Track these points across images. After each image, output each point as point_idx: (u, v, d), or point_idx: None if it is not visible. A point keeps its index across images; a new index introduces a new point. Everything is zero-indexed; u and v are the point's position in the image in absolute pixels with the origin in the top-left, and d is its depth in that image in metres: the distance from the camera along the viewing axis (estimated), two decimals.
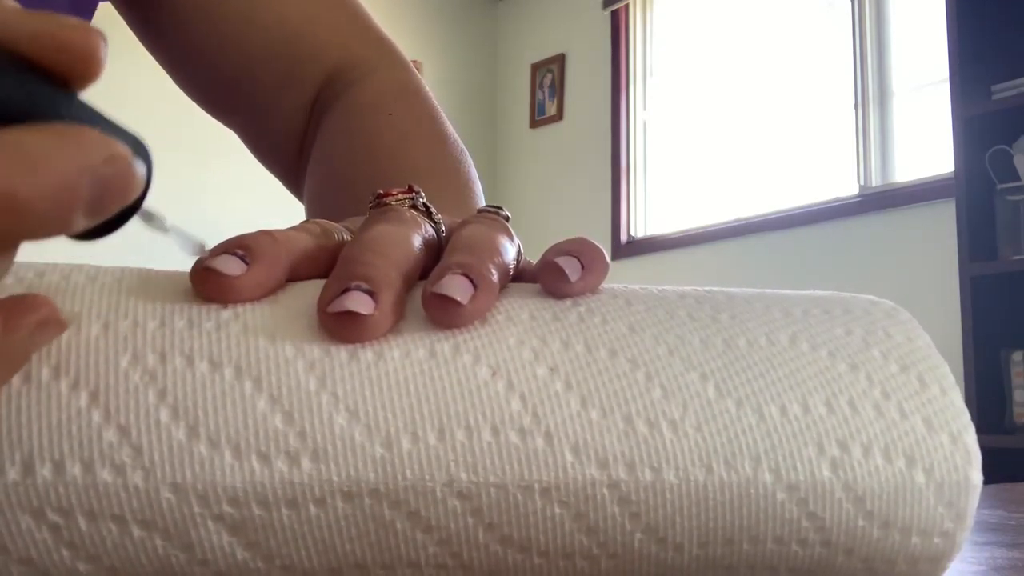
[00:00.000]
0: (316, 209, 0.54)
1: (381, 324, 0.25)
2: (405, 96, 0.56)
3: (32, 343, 0.22)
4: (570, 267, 0.28)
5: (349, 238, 0.30)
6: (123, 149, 0.18)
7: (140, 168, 0.18)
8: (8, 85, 0.17)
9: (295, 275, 0.27)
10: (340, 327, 0.25)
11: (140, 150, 0.20)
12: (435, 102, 0.57)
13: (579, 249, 0.29)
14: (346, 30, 0.57)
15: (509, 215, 0.33)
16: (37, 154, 0.17)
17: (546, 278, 0.28)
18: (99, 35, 0.18)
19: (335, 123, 0.54)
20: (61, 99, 0.18)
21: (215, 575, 0.24)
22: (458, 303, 0.26)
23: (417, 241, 0.29)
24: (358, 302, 0.25)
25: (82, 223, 0.18)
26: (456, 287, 0.26)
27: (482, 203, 0.52)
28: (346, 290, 0.25)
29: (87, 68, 0.18)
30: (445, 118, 0.56)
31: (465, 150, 0.55)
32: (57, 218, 0.17)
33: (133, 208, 0.20)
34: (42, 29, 0.18)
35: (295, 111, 0.56)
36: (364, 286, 0.25)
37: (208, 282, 0.26)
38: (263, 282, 0.26)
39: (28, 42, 0.18)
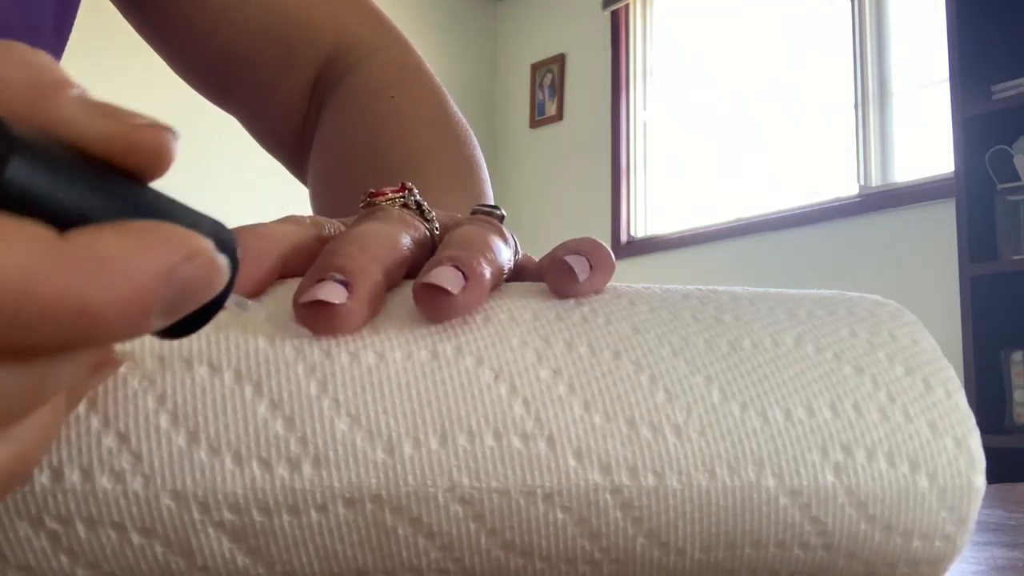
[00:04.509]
0: (320, 198, 0.54)
1: (355, 315, 0.25)
2: (406, 78, 0.56)
3: (88, 384, 0.22)
4: (579, 266, 0.28)
5: (342, 229, 0.30)
6: (204, 243, 0.17)
7: (222, 261, 0.17)
8: (79, 189, 0.16)
9: (288, 269, 0.27)
10: (312, 318, 0.25)
11: (222, 237, 0.19)
12: (437, 81, 0.56)
13: (587, 248, 0.29)
14: (342, 9, 0.57)
15: (504, 214, 0.33)
16: (111, 258, 0.16)
17: (553, 276, 0.28)
18: (170, 133, 0.18)
19: (337, 108, 0.54)
20: (133, 193, 0.17)
21: None
22: (448, 293, 0.25)
23: (404, 239, 0.29)
24: (330, 291, 0.25)
25: (159, 324, 0.17)
26: (446, 277, 0.26)
27: (486, 184, 0.52)
28: (320, 281, 0.25)
29: (159, 166, 0.18)
30: (448, 97, 0.56)
31: (469, 129, 0.54)
32: (133, 323, 0.16)
33: (220, 300, 0.19)
34: (113, 131, 0.17)
35: (295, 93, 0.56)
36: (338, 276, 0.25)
37: None
38: (250, 280, 0.26)
39: (99, 145, 0.17)
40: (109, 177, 0.17)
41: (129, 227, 0.16)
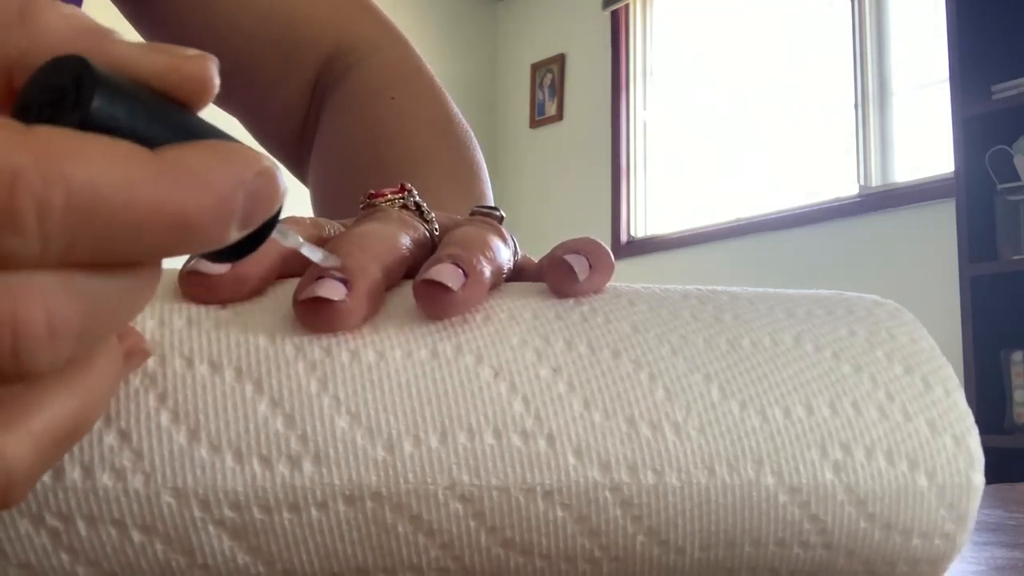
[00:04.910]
0: (320, 199, 0.54)
1: (354, 311, 0.25)
2: (406, 79, 0.56)
3: (125, 368, 0.22)
4: (579, 265, 0.28)
5: (341, 230, 0.30)
6: (269, 161, 0.18)
7: (283, 179, 0.19)
8: (152, 117, 0.18)
9: (288, 269, 0.27)
10: (312, 315, 0.25)
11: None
12: (437, 82, 0.56)
13: (587, 248, 0.29)
14: (342, 10, 0.57)
15: (503, 215, 0.33)
16: (200, 171, 0.17)
17: (553, 275, 0.28)
18: (213, 62, 0.19)
19: (337, 109, 0.54)
20: (192, 121, 0.19)
21: None
22: (448, 289, 0.26)
23: (403, 238, 0.29)
24: (329, 288, 0.25)
25: (235, 236, 0.18)
26: (446, 274, 0.26)
27: (487, 185, 0.52)
28: (320, 278, 0.25)
29: (206, 93, 0.19)
30: (448, 98, 0.56)
31: (469, 131, 0.54)
32: (217, 232, 0.17)
33: (270, 226, 0.20)
34: (167, 64, 0.19)
35: (296, 94, 0.56)
36: (337, 274, 0.25)
37: (194, 284, 0.26)
38: (249, 278, 0.26)
39: (156, 78, 0.19)
40: (170, 107, 0.19)
41: (208, 145, 0.18)
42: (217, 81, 0.19)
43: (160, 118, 0.18)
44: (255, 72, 0.55)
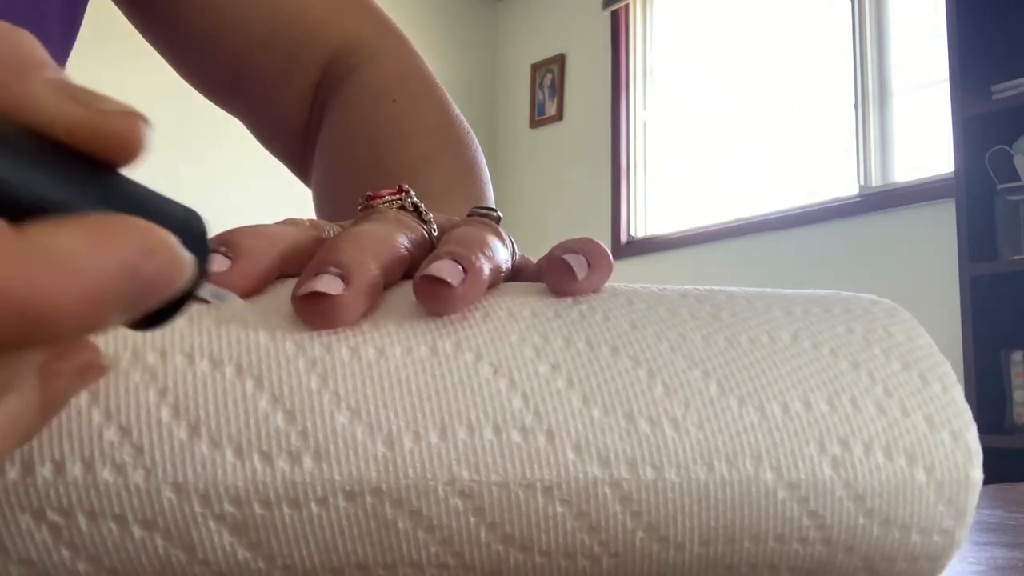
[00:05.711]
0: (323, 202, 0.54)
1: (351, 306, 0.25)
2: (408, 81, 0.56)
3: (72, 389, 0.21)
4: (577, 264, 0.28)
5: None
6: (165, 237, 0.16)
7: (185, 256, 0.17)
8: (40, 178, 0.16)
9: (288, 270, 0.27)
10: (310, 310, 0.25)
11: (192, 227, 0.18)
12: (439, 84, 0.57)
13: (585, 248, 0.29)
14: (344, 11, 0.57)
15: (501, 216, 0.33)
16: (64, 255, 0.15)
17: (552, 275, 0.28)
18: (141, 120, 0.17)
19: (339, 112, 0.55)
20: (100, 182, 0.17)
21: (216, 575, 0.24)
22: (448, 285, 0.26)
23: (400, 238, 0.29)
24: (326, 283, 0.25)
25: (117, 321, 0.16)
26: (446, 270, 0.26)
27: (488, 187, 0.52)
28: (317, 275, 0.25)
29: (128, 154, 0.17)
30: (449, 99, 0.56)
31: (470, 132, 0.54)
32: (86, 322, 0.16)
33: (191, 292, 0.18)
34: (79, 117, 0.17)
35: (298, 95, 0.56)
36: (335, 270, 0.25)
37: None
38: (249, 276, 0.26)
39: (65, 132, 0.17)
40: (76, 165, 0.17)
41: (88, 222, 0.16)
42: (144, 140, 0.17)
43: (56, 181, 0.16)
44: (258, 73, 0.56)
